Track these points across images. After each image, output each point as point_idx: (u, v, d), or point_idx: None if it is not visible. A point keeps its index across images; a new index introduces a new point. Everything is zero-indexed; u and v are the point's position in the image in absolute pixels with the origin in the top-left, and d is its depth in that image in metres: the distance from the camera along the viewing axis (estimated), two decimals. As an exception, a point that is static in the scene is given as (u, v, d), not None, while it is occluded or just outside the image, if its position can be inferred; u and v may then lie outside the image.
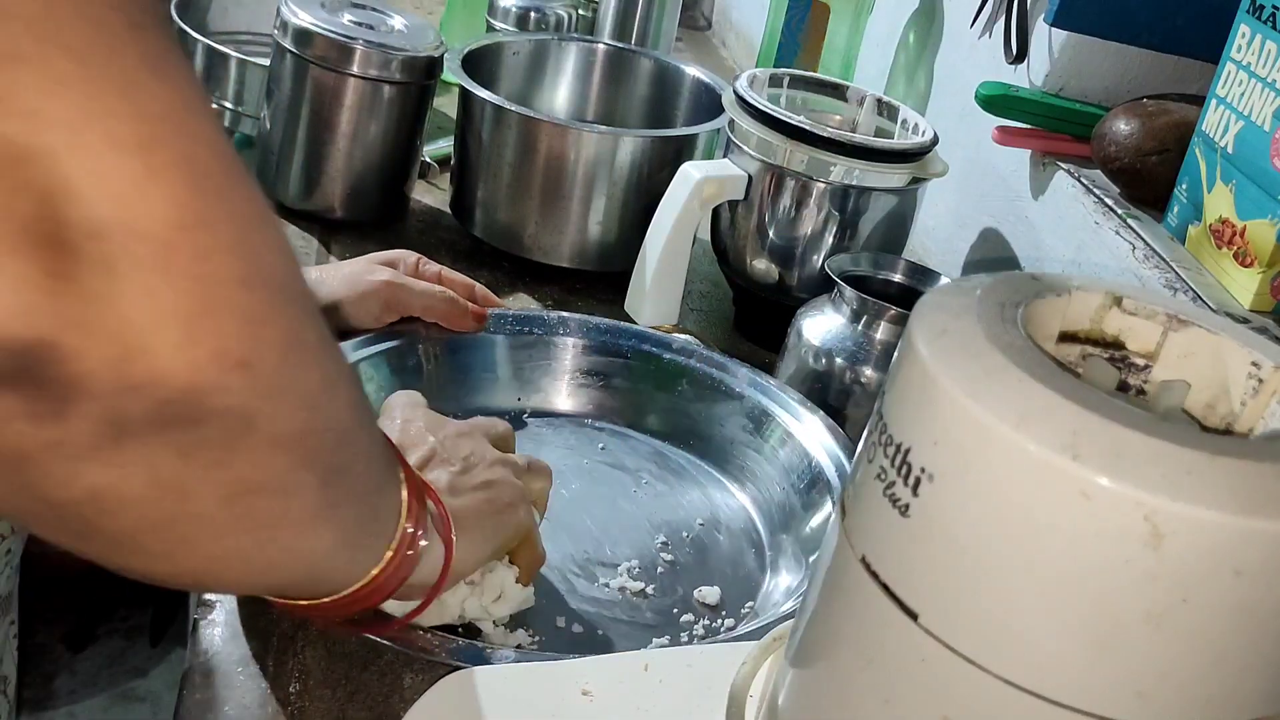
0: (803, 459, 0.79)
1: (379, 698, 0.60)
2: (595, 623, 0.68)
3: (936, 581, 0.41)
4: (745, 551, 0.76)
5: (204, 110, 0.33)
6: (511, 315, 0.87)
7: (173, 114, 0.31)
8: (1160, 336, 0.46)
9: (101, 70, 0.29)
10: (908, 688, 0.42)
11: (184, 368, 0.32)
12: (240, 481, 0.37)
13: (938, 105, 1.18)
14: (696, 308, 1.05)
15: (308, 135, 1.03)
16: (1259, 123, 0.78)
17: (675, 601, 0.71)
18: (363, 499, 0.47)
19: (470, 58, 1.06)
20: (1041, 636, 0.39)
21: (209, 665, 0.60)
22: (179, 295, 0.31)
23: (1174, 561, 0.36)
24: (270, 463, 0.37)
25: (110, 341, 0.30)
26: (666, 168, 0.97)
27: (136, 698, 1.69)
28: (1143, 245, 0.85)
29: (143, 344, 0.31)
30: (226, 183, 0.33)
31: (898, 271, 0.89)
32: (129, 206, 0.29)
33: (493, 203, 1.03)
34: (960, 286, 0.45)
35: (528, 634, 0.66)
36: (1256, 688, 0.39)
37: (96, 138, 0.28)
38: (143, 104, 0.30)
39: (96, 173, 0.28)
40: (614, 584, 0.71)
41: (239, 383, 0.34)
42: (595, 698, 0.58)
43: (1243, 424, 0.45)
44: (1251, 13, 0.79)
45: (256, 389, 0.35)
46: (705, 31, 1.88)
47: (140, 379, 0.31)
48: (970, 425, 0.39)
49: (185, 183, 0.31)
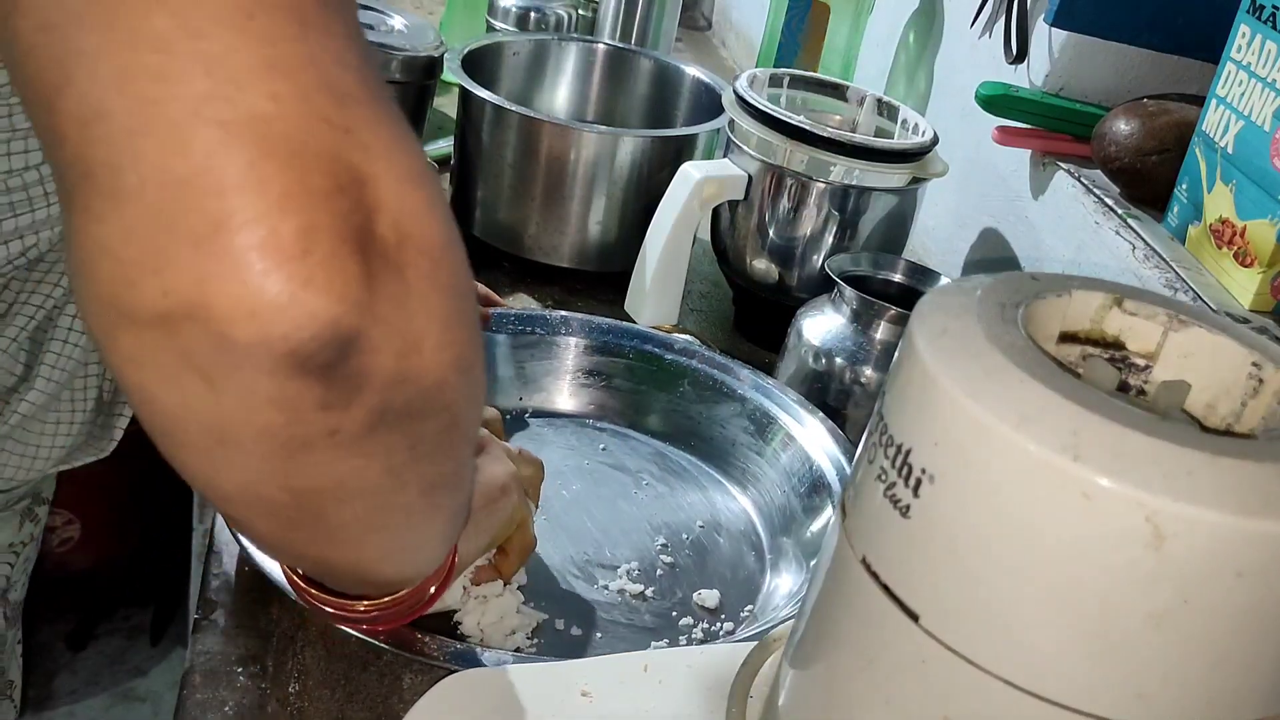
0: (804, 463, 0.79)
1: (378, 698, 0.60)
2: (594, 626, 0.68)
3: (937, 582, 0.41)
4: (745, 554, 0.76)
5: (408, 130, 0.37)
6: (513, 315, 0.87)
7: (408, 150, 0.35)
8: (1160, 336, 0.46)
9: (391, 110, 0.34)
10: (908, 689, 0.42)
11: (437, 366, 0.35)
12: (437, 473, 0.40)
13: (938, 105, 1.18)
14: (696, 308, 1.05)
15: (308, 135, 1.02)
16: (1259, 123, 0.78)
17: (674, 604, 0.71)
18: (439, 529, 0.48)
19: (470, 58, 1.06)
20: (1042, 638, 0.39)
21: (209, 665, 0.60)
22: (443, 304, 0.35)
23: (1175, 562, 0.36)
24: (457, 456, 0.40)
25: (399, 337, 0.33)
26: (666, 168, 0.97)
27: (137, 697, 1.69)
28: (1143, 245, 0.85)
29: (418, 342, 0.34)
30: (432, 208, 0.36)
31: (898, 271, 0.89)
32: (419, 225, 0.33)
33: (493, 203, 1.03)
34: (960, 286, 0.45)
35: (526, 637, 0.66)
36: (1258, 688, 0.39)
37: (402, 168, 0.33)
38: (414, 143, 0.35)
39: (401, 195, 0.33)
40: (613, 586, 0.71)
41: (462, 382, 0.37)
42: (595, 698, 0.58)
43: (1243, 424, 0.45)
44: (1251, 13, 0.79)
45: (467, 389, 0.38)
46: (705, 31, 1.88)
47: (410, 373, 0.34)
48: (971, 426, 0.39)
49: (446, 209, 0.35)
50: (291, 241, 0.30)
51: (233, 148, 0.30)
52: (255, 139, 0.30)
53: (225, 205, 0.30)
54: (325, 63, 0.32)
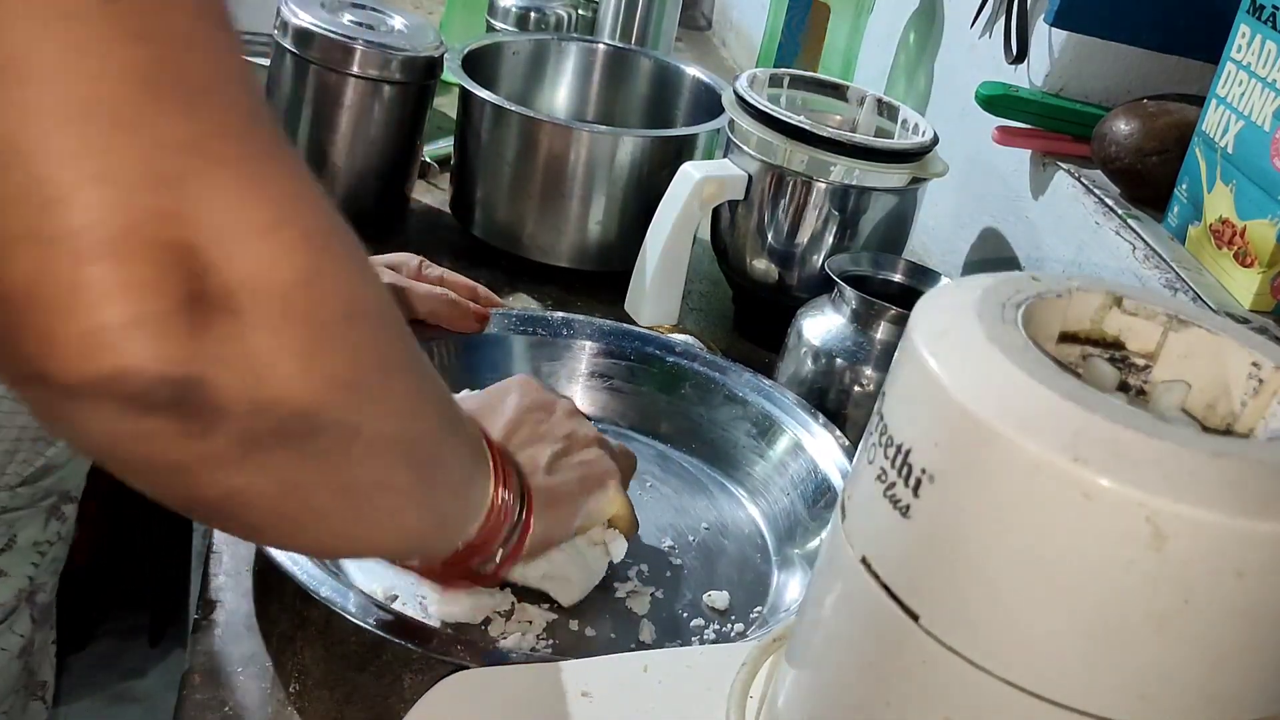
0: (804, 463, 0.79)
1: (378, 698, 0.60)
2: (608, 626, 0.68)
3: (937, 583, 0.40)
4: (751, 555, 0.76)
5: (313, 182, 0.40)
6: (514, 315, 0.87)
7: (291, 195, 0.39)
8: (1160, 337, 0.46)
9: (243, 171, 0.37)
10: (909, 689, 0.42)
11: (300, 391, 0.39)
12: (350, 480, 0.44)
13: (938, 105, 1.18)
14: (696, 308, 1.05)
15: (308, 135, 1.02)
16: (1259, 123, 0.78)
17: (684, 606, 0.71)
18: (454, 489, 0.55)
19: (470, 58, 1.05)
20: (1043, 638, 0.39)
21: (209, 665, 0.60)
22: (296, 336, 0.38)
23: (1176, 563, 0.36)
24: (373, 464, 0.44)
25: (245, 371, 0.37)
26: (666, 168, 0.97)
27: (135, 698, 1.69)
28: (1143, 245, 0.85)
29: (268, 373, 0.38)
30: (334, 239, 0.40)
31: (898, 271, 0.89)
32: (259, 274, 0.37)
33: (492, 203, 1.03)
34: (960, 286, 0.45)
35: (539, 639, 0.66)
36: (1259, 689, 0.39)
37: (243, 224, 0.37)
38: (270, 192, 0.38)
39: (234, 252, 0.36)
40: (624, 588, 0.71)
41: (345, 399, 0.41)
42: (595, 699, 0.58)
43: (1243, 424, 0.45)
44: (1251, 13, 0.79)
45: (360, 404, 0.42)
46: (705, 31, 1.88)
47: (267, 401, 0.38)
48: (971, 426, 0.39)
49: (302, 249, 0.38)
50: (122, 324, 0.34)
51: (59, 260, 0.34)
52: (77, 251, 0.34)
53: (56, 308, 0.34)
54: (152, 152, 0.35)
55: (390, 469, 0.46)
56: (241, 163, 0.37)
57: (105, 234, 0.34)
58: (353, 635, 0.63)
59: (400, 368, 0.45)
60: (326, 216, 0.40)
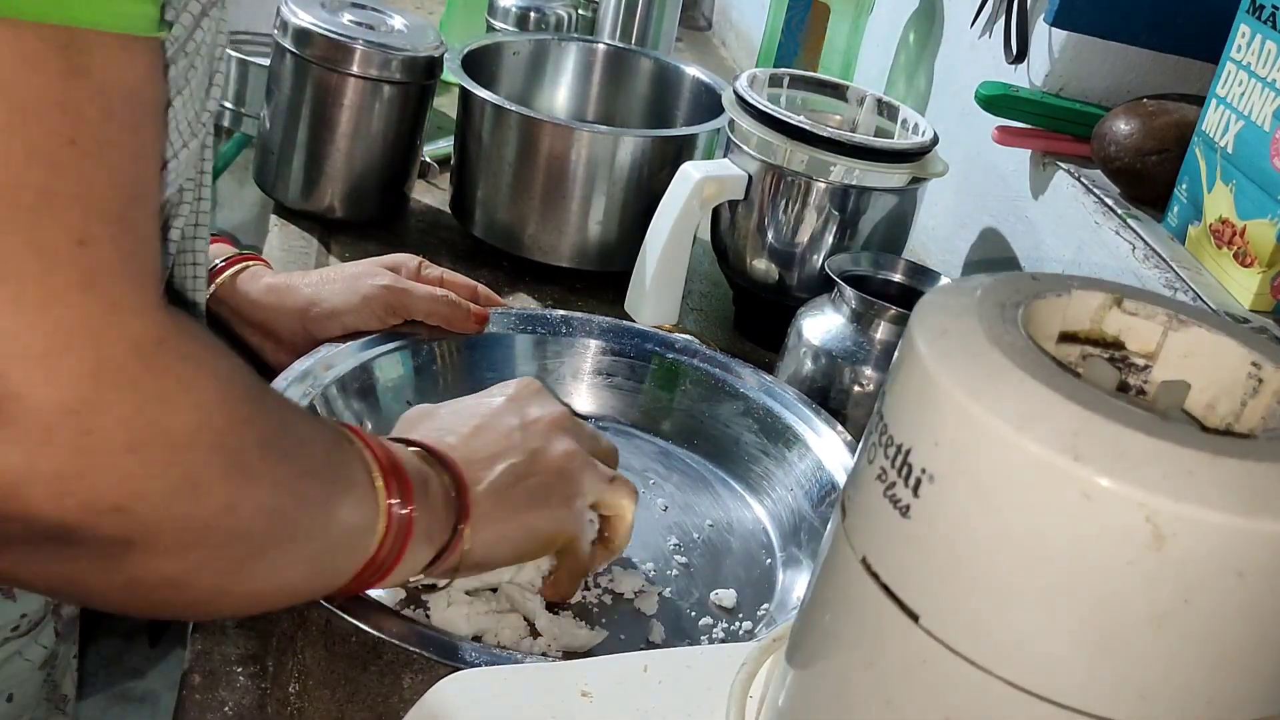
0: (809, 461, 0.79)
1: (379, 698, 0.60)
2: (618, 626, 0.68)
3: (937, 582, 0.40)
4: (757, 552, 0.76)
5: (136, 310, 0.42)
6: (514, 315, 0.87)
7: (90, 323, 0.40)
8: (1160, 336, 0.46)
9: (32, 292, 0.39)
10: (909, 689, 0.42)
11: (53, 511, 0.41)
12: (131, 579, 0.45)
13: (938, 105, 1.18)
14: (696, 308, 1.05)
15: (308, 135, 1.02)
16: (1259, 123, 0.78)
17: (692, 605, 0.71)
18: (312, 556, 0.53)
19: (470, 58, 1.06)
20: (1043, 638, 0.39)
21: (209, 665, 0.60)
22: (54, 460, 0.40)
23: (1176, 563, 0.36)
24: (159, 568, 0.45)
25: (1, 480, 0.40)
26: (666, 168, 0.97)
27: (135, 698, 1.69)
28: (1143, 245, 0.85)
29: (16, 491, 0.40)
30: (138, 372, 0.42)
31: (898, 271, 0.89)
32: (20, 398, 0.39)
33: (493, 203, 1.03)
34: (960, 286, 0.45)
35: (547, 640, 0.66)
36: (1259, 689, 0.39)
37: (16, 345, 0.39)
38: (60, 318, 0.39)
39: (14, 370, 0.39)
40: (632, 587, 0.71)
41: (113, 521, 0.42)
42: (595, 699, 0.58)
43: (1243, 424, 0.45)
44: (1251, 13, 0.79)
45: (134, 524, 0.43)
46: (705, 31, 1.88)
47: (14, 514, 0.40)
48: (971, 425, 0.39)
49: (83, 379, 0.40)
50: None
51: None
52: None
53: None
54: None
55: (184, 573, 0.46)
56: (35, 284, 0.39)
57: None
58: (353, 635, 0.63)
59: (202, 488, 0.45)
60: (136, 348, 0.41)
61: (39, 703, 0.71)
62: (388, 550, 0.56)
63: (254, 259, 0.85)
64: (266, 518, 0.49)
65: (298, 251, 1.01)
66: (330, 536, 0.54)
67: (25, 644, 0.67)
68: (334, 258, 1.02)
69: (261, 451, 0.48)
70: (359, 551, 0.56)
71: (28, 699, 0.70)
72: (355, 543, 0.55)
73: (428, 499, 0.59)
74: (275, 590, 0.53)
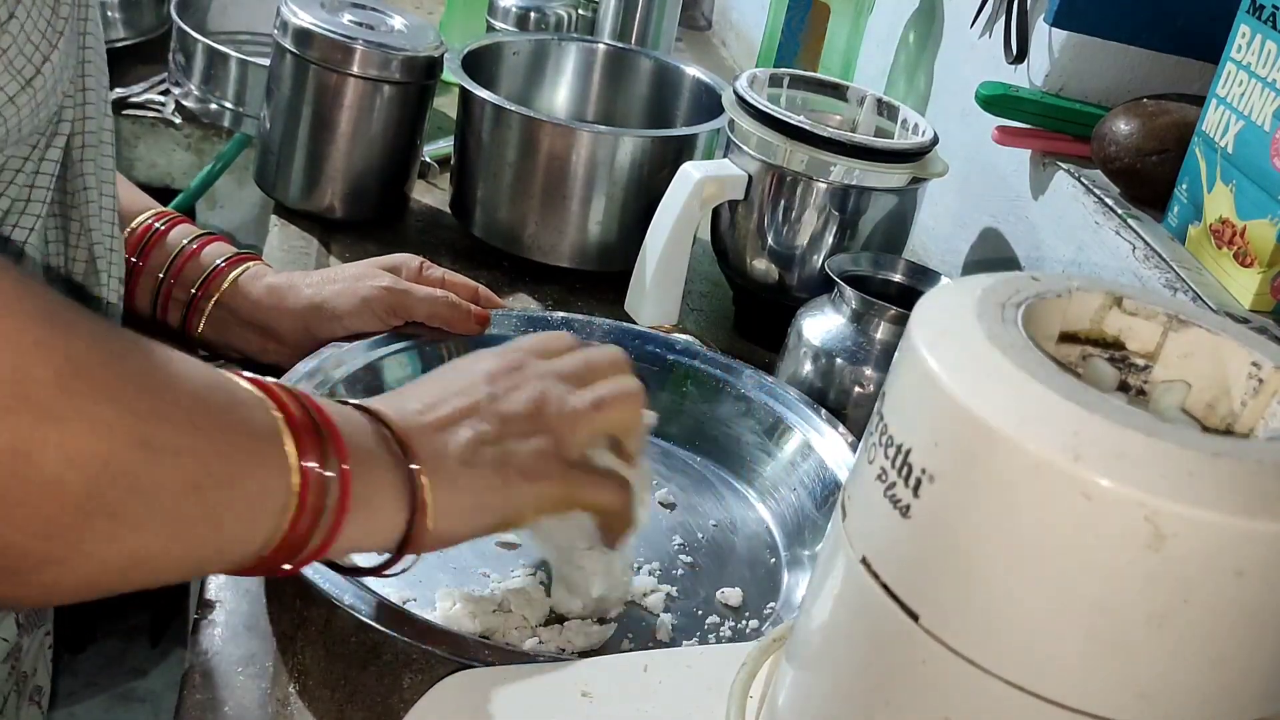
0: (812, 460, 0.79)
1: (378, 698, 0.60)
2: (625, 626, 0.68)
3: (937, 582, 0.41)
4: (761, 551, 0.76)
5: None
6: (514, 316, 0.87)
7: None
8: (1160, 337, 0.46)
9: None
10: (909, 689, 0.42)
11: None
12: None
13: (938, 105, 1.18)
14: (696, 308, 1.05)
15: (308, 135, 1.02)
16: (1259, 123, 0.78)
17: (698, 604, 0.71)
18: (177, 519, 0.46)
19: (470, 58, 1.05)
20: (1043, 638, 0.39)
21: (209, 665, 0.60)
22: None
23: (1175, 562, 0.36)
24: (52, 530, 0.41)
25: None
26: (666, 168, 0.97)
27: (136, 698, 1.69)
28: (1143, 245, 0.85)
29: None
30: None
31: (898, 271, 0.89)
32: None
33: (493, 203, 1.03)
34: (960, 286, 0.45)
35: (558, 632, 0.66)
36: (1258, 688, 0.39)
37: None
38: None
39: None
40: (638, 586, 0.71)
41: None
42: (595, 699, 0.58)
43: (1243, 424, 0.45)
44: (1251, 13, 0.79)
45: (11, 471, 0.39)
46: (705, 31, 1.88)
47: None
48: (971, 426, 0.39)
49: None
50: None
51: None
52: None
53: None
54: None
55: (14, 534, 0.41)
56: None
57: None
58: (353, 635, 0.63)
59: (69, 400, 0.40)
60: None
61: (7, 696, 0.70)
62: (309, 517, 0.50)
63: (253, 259, 0.85)
64: (87, 467, 0.42)
65: (298, 251, 1.01)
66: (206, 498, 0.47)
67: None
68: (334, 258, 1.02)
69: (66, 386, 0.41)
70: (261, 518, 0.49)
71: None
72: (253, 506, 0.49)
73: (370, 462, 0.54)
74: (128, 560, 0.46)
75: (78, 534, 0.43)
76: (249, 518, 0.49)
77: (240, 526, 0.49)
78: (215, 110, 1.30)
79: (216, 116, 1.30)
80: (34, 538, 0.42)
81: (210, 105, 1.30)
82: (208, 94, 1.30)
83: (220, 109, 1.30)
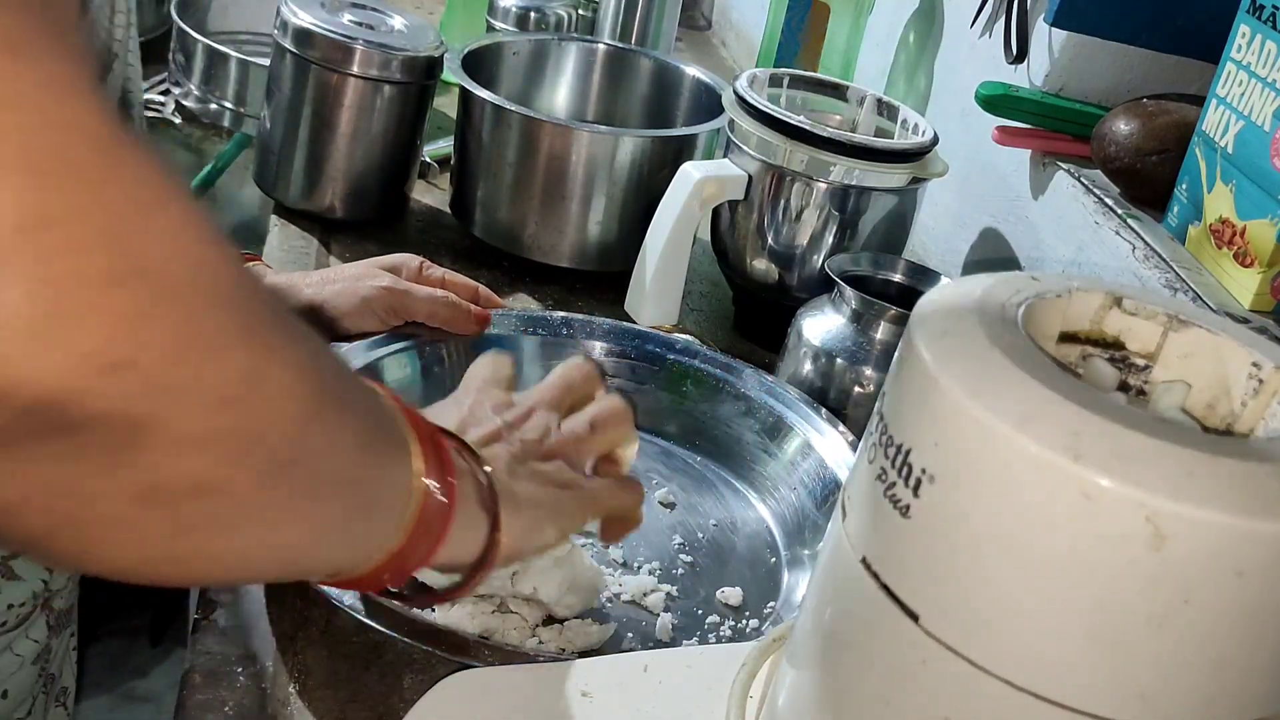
0: (812, 460, 0.79)
1: (379, 698, 0.60)
2: (626, 625, 0.68)
3: (937, 582, 0.41)
4: (761, 551, 0.76)
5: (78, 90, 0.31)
6: (514, 316, 0.87)
7: (25, 99, 0.29)
8: (1160, 337, 0.46)
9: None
10: (909, 689, 0.42)
11: (40, 374, 0.30)
12: (150, 484, 0.35)
13: (938, 105, 1.18)
14: (696, 308, 1.05)
15: (308, 135, 1.02)
16: (1259, 123, 0.78)
17: (698, 603, 0.71)
18: (337, 487, 0.43)
19: (470, 58, 1.06)
20: (1043, 638, 0.39)
21: (209, 665, 0.60)
22: (22, 299, 0.29)
23: (1176, 562, 0.36)
24: (181, 465, 0.35)
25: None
26: (666, 168, 0.97)
27: (138, 698, 1.69)
28: (1143, 245, 0.85)
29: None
30: (101, 171, 0.31)
31: (898, 271, 0.89)
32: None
33: (493, 203, 1.03)
34: (960, 287, 0.45)
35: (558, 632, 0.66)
36: (1258, 688, 0.39)
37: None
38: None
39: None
40: (638, 585, 0.71)
41: (116, 386, 0.32)
42: (595, 699, 0.58)
43: (1243, 424, 0.45)
44: (1251, 13, 0.79)
45: (141, 391, 0.33)
46: (705, 31, 1.88)
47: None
48: (971, 426, 0.39)
49: (32, 178, 0.30)
50: None
51: None
52: None
53: None
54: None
55: (211, 471, 0.36)
56: None
57: None
58: (354, 635, 0.63)
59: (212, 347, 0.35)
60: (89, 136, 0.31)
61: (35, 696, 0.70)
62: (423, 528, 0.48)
63: (253, 259, 0.85)
64: (294, 409, 0.38)
65: (298, 251, 1.01)
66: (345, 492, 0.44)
67: (15, 638, 0.67)
68: (334, 258, 1.02)
69: (277, 323, 0.38)
70: (388, 522, 0.47)
71: (22, 694, 0.69)
72: (387, 506, 0.47)
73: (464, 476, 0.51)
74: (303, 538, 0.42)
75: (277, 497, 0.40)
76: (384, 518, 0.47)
77: (377, 527, 0.47)
78: (215, 110, 1.30)
79: (216, 116, 1.30)
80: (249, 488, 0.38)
81: (210, 105, 1.30)
82: (208, 94, 1.30)
83: (220, 109, 1.30)
